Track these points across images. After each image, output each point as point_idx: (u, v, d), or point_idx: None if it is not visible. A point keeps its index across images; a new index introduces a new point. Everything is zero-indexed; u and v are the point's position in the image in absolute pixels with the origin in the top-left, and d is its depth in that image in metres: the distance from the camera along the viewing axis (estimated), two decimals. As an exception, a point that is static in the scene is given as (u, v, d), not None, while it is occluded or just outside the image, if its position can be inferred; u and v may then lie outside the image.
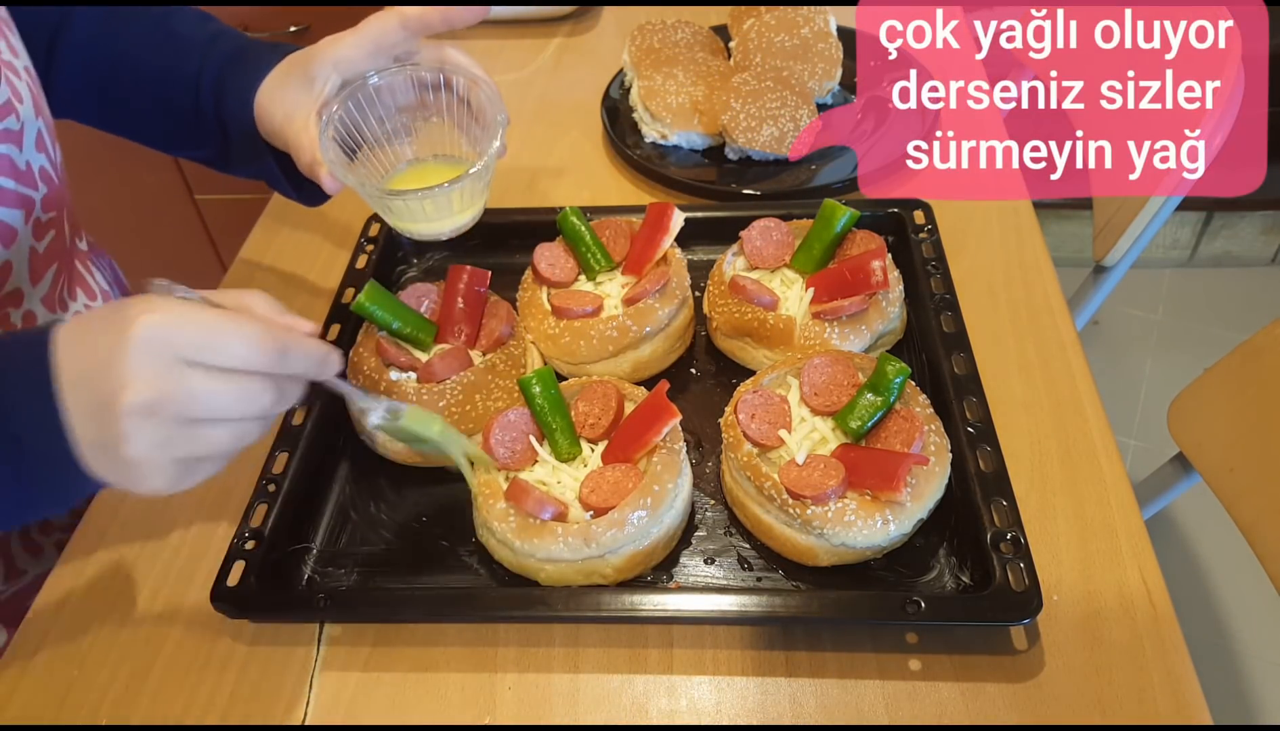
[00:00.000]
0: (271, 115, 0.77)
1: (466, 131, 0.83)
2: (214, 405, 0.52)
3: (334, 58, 0.77)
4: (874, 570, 0.72)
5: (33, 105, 0.76)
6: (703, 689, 0.68)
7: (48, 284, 0.79)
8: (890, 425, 0.73)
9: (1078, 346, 0.87)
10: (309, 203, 0.88)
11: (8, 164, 0.72)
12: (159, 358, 0.50)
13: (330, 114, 0.76)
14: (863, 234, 0.88)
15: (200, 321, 0.52)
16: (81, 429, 0.52)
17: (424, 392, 0.79)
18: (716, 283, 0.90)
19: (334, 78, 0.77)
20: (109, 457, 0.52)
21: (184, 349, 0.51)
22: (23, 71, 0.76)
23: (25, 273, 0.77)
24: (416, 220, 0.80)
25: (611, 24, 1.43)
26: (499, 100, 0.79)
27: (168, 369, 0.50)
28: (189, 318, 0.52)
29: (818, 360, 0.77)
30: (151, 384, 0.50)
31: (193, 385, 0.51)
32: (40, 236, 0.78)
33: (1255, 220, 2.25)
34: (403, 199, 0.76)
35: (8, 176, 0.73)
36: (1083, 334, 0.95)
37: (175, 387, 0.50)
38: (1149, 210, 1.07)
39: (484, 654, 0.70)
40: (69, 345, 0.53)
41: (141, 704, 0.70)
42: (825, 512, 0.68)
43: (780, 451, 0.74)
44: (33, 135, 0.75)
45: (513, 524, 0.70)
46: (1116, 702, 0.64)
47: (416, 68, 0.80)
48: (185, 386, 0.51)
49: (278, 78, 0.78)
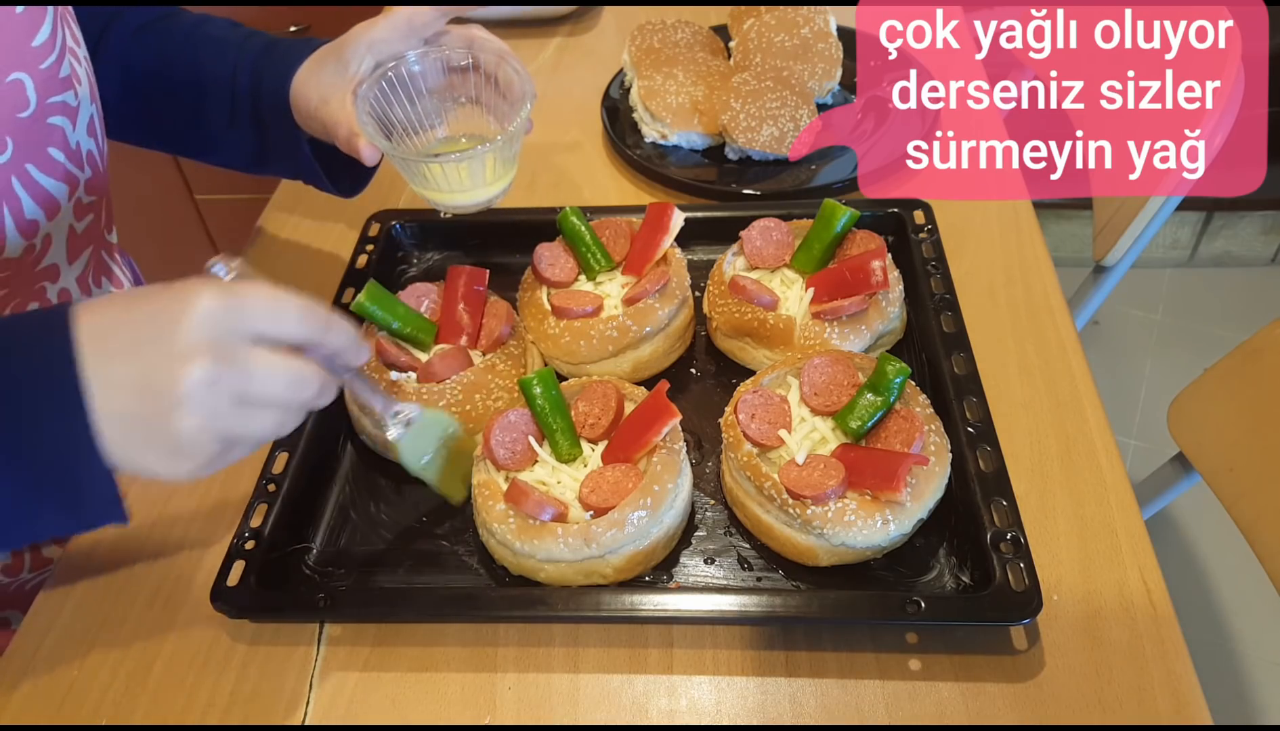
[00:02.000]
0: (308, 99, 0.80)
1: (494, 111, 0.86)
2: (268, 386, 0.52)
3: (368, 40, 0.79)
4: (874, 570, 0.72)
5: (90, 90, 0.78)
6: (703, 689, 0.68)
7: (82, 265, 0.82)
8: (890, 425, 0.73)
9: (1078, 346, 0.87)
10: (345, 193, 0.90)
11: (60, 137, 0.75)
12: (225, 330, 0.51)
13: (364, 92, 0.79)
14: (863, 234, 0.88)
15: (261, 292, 0.53)
16: (117, 403, 0.51)
17: (424, 392, 0.79)
18: (716, 282, 0.90)
19: (368, 59, 0.80)
20: (150, 433, 0.51)
21: (250, 319, 0.52)
22: (83, 59, 0.78)
23: (63, 249, 0.79)
24: (452, 190, 0.82)
25: (611, 24, 1.43)
26: (527, 76, 0.82)
27: (232, 343, 0.51)
28: (251, 289, 0.52)
29: (818, 360, 0.77)
30: (217, 355, 0.50)
31: (252, 362, 0.51)
32: (80, 217, 0.80)
33: (1255, 220, 2.25)
34: (440, 162, 0.79)
35: (59, 149, 0.75)
36: (1083, 334, 0.95)
37: (238, 362, 0.51)
38: (1149, 210, 1.07)
39: (484, 654, 0.71)
40: (103, 319, 0.52)
41: (141, 704, 0.70)
42: (825, 512, 0.68)
43: (780, 451, 0.74)
44: (85, 118, 0.78)
45: (512, 525, 0.70)
46: (1116, 702, 0.64)
47: (446, 49, 0.83)
48: (247, 362, 0.51)
49: (312, 65, 0.81)
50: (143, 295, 0.52)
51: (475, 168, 0.81)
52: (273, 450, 0.80)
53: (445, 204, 0.85)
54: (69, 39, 0.76)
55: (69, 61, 0.75)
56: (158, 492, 0.83)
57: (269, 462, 0.79)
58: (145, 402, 0.50)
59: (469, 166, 0.80)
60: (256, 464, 0.80)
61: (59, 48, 0.72)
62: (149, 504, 0.82)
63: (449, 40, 0.83)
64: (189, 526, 0.81)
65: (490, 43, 0.83)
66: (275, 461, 0.79)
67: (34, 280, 0.77)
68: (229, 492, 0.82)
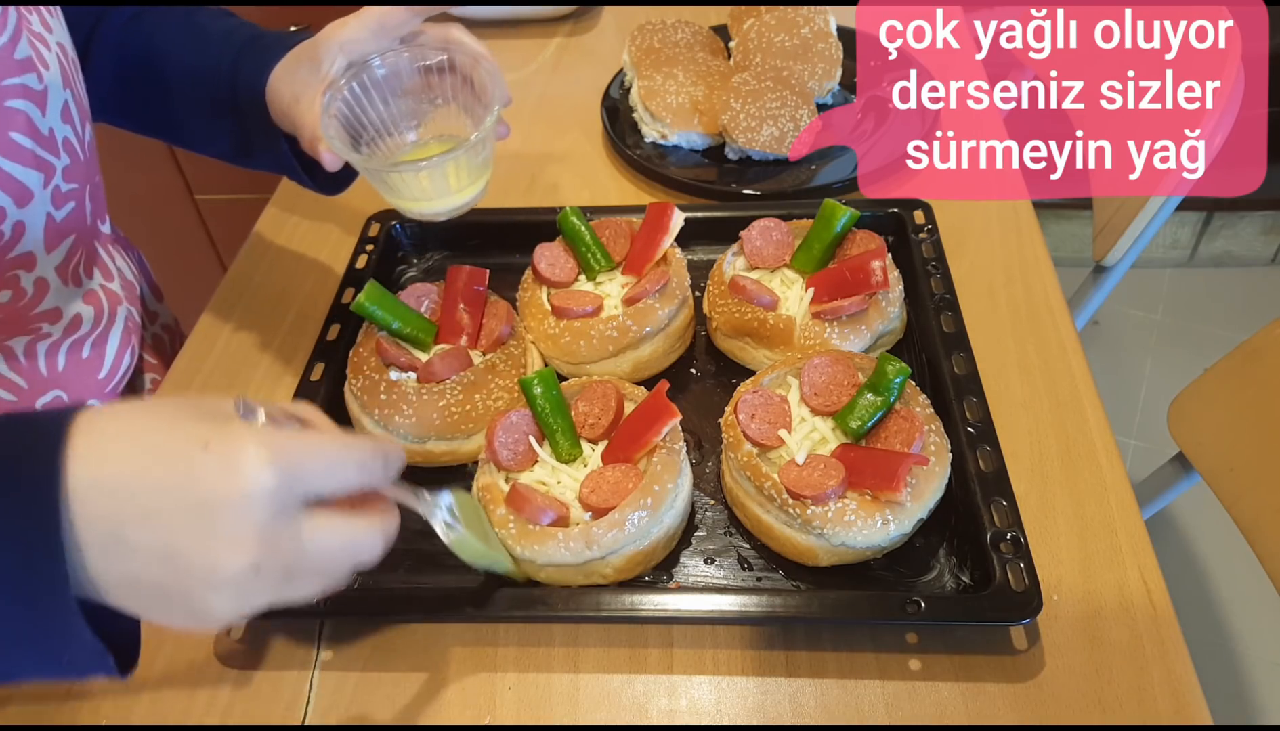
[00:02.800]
0: (281, 96, 0.79)
1: (471, 114, 0.82)
2: (321, 560, 0.47)
3: (339, 40, 0.78)
4: (874, 570, 0.72)
5: (61, 76, 0.77)
6: (703, 689, 0.68)
7: (62, 254, 0.80)
8: (890, 425, 0.73)
9: (1077, 346, 0.87)
10: (327, 192, 0.88)
11: (24, 121, 0.73)
12: (279, 507, 0.44)
13: (333, 94, 0.77)
14: (863, 234, 0.88)
15: (317, 452, 0.46)
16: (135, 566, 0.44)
17: (424, 392, 0.79)
18: (716, 282, 0.90)
19: (340, 59, 0.78)
20: (171, 602, 0.45)
21: (306, 484, 0.46)
22: (54, 46, 0.77)
23: (40, 238, 0.78)
24: (416, 198, 0.79)
25: (611, 24, 1.43)
26: (500, 78, 0.79)
27: (284, 521, 0.45)
28: (305, 448, 0.46)
29: (818, 360, 0.77)
30: (267, 542, 0.44)
31: (305, 535, 0.46)
32: (59, 205, 0.79)
33: (1255, 220, 2.25)
34: (399, 172, 0.77)
35: (25, 134, 0.73)
36: (1083, 334, 0.95)
37: (289, 540, 0.45)
38: (1149, 210, 1.07)
39: (484, 654, 0.71)
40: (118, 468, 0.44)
41: (141, 703, 0.70)
42: (825, 512, 0.68)
43: (780, 451, 0.74)
44: (59, 104, 0.77)
45: (513, 529, 0.70)
46: (1116, 702, 0.64)
47: (420, 49, 0.80)
48: (298, 537, 0.45)
49: (289, 63, 0.80)
50: (172, 447, 0.44)
51: (437, 176, 0.77)
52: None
53: (413, 212, 0.81)
54: (34, 23, 0.74)
55: (28, 42, 0.72)
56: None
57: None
58: (172, 575, 0.44)
59: (430, 174, 0.76)
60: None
61: (11, 28, 0.70)
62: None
63: (425, 40, 0.81)
64: (189, 526, 0.80)
65: (467, 45, 0.80)
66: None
67: (5, 268, 0.74)
68: (229, 492, 0.82)
